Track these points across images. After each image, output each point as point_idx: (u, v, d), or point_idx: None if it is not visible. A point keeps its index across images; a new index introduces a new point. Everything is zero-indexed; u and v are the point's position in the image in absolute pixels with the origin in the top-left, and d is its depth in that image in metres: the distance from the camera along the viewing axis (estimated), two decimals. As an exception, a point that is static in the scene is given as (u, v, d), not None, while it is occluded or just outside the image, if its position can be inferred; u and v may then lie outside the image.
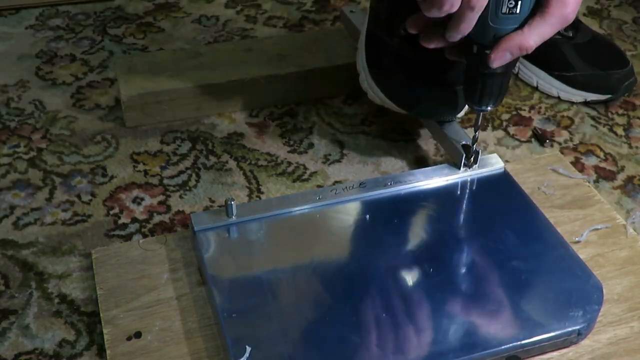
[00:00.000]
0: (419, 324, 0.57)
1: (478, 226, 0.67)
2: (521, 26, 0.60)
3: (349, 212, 0.68)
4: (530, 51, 0.60)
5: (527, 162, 0.78)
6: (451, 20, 0.60)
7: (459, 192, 0.71)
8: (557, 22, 0.59)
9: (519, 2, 0.59)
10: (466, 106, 0.77)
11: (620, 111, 0.89)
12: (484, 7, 0.58)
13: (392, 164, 0.80)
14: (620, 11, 1.10)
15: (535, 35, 0.60)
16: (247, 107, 0.88)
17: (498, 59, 0.61)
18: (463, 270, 0.63)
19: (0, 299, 0.64)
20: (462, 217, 0.68)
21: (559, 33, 0.88)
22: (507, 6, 0.59)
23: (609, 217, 0.71)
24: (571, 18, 0.59)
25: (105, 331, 0.59)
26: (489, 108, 0.67)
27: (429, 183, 0.71)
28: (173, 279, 0.63)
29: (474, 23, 0.59)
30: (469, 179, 0.72)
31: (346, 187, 0.69)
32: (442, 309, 0.58)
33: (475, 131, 0.70)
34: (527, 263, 0.62)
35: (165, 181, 0.77)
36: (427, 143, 0.83)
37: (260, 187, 0.77)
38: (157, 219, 0.72)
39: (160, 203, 0.74)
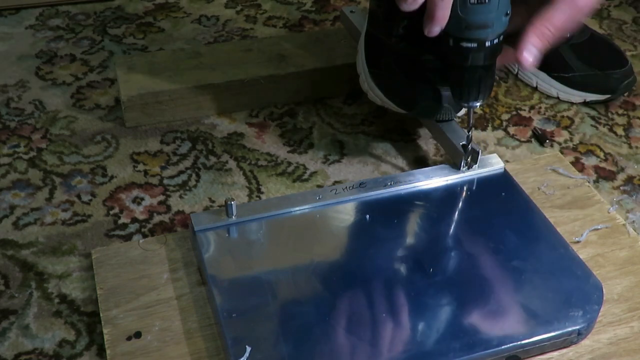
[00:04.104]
0: (419, 324, 0.57)
1: (478, 226, 0.67)
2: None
3: (349, 212, 0.68)
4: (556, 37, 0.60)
5: (527, 162, 0.78)
6: (425, 12, 0.60)
7: (459, 193, 0.71)
8: (567, 8, 0.59)
9: None
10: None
11: (620, 111, 0.89)
12: None
13: (392, 164, 0.80)
14: (620, 11, 1.10)
15: (546, 22, 0.60)
16: (247, 107, 0.88)
17: (525, 60, 0.61)
18: (463, 270, 0.63)
19: (0, 299, 0.64)
20: (462, 217, 0.68)
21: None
22: None
23: (609, 217, 0.71)
24: (583, 5, 0.59)
25: (105, 331, 0.59)
26: (477, 104, 0.66)
27: (429, 183, 0.71)
28: (173, 279, 0.63)
29: (448, 10, 0.59)
30: (468, 179, 0.72)
31: (346, 187, 0.69)
32: (442, 308, 0.58)
33: (468, 130, 0.70)
34: (527, 263, 0.62)
35: (165, 181, 0.77)
36: (427, 143, 0.83)
37: (260, 187, 0.77)
38: (157, 219, 0.72)
39: (160, 203, 0.74)
